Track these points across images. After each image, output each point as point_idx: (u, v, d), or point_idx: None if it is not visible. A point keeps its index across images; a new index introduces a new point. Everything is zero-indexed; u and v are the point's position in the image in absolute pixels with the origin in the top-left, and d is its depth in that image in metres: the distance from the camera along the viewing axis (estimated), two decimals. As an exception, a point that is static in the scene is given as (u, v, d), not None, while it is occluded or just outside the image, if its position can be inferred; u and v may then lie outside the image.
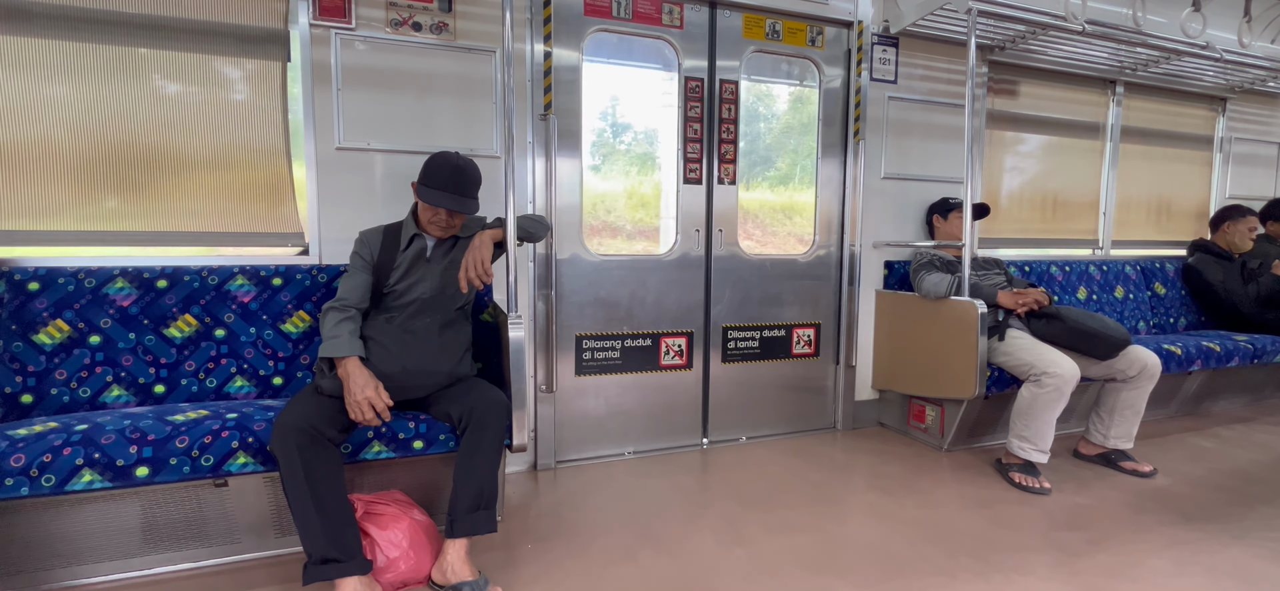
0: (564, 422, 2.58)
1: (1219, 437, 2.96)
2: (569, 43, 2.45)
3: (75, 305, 1.83)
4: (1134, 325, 3.39)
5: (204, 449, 1.55)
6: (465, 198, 1.79)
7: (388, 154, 2.20)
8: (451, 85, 2.26)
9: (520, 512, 2.12)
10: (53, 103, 1.92)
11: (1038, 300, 2.49)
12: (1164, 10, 3.21)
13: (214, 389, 1.94)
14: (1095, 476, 2.46)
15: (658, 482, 2.38)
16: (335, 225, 2.15)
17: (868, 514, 2.11)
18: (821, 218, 2.94)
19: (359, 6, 2.13)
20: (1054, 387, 2.26)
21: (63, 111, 1.93)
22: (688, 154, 2.67)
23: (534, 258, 2.43)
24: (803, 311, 2.94)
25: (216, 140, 2.07)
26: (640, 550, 1.87)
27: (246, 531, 1.79)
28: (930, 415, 2.78)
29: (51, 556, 1.63)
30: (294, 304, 2.04)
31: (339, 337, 1.67)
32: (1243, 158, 3.98)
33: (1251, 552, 1.87)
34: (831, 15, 2.82)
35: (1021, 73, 3.28)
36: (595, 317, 2.58)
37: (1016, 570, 1.76)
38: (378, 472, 1.89)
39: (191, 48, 2.02)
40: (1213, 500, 2.25)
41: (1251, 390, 3.50)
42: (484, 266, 1.73)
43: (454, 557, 1.62)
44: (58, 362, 1.80)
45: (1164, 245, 3.80)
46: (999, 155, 3.29)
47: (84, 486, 1.46)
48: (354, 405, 1.60)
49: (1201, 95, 3.80)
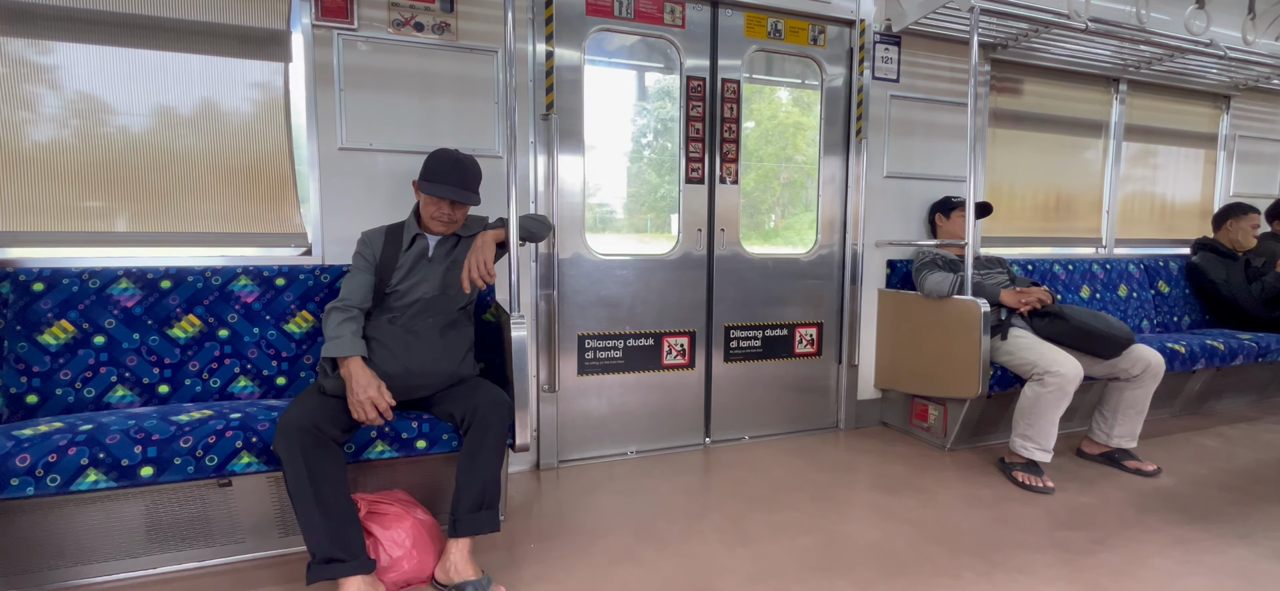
0: (566, 422, 2.58)
1: (1223, 437, 2.95)
2: (571, 42, 2.45)
3: (80, 306, 1.84)
4: (1137, 324, 3.38)
5: (208, 449, 1.55)
6: (467, 189, 1.79)
7: (390, 154, 2.20)
8: (453, 85, 2.27)
9: (523, 512, 2.13)
10: (56, 104, 1.93)
11: (1041, 299, 2.48)
12: (1167, 8, 3.20)
13: (218, 389, 1.95)
14: (1099, 475, 2.46)
15: (660, 482, 2.38)
16: (338, 225, 2.16)
17: (870, 513, 2.11)
18: (824, 217, 2.94)
19: (361, 7, 2.14)
20: (1057, 387, 2.26)
21: (66, 113, 1.93)
22: (690, 153, 2.67)
23: (536, 257, 2.44)
24: (805, 310, 2.93)
25: (219, 141, 2.08)
26: (643, 549, 1.87)
27: (250, 531, 1.79)
28: (933, 414, 2.78)
29: (57, 556, 1.64)
30: (297, 304, 2.05)
31: (341, 338, 1.67)
32: (1247, 155, 3.97)
33: (1256, 552, 1.86)
34: (833, 14, 2.81)
35: (1024, 71, 3.27)
36: (598, 317, 2.58)
37: (1020, 569, 1.76)
38: (381, 472, 1.89)
39: (194, 49, 2.02)
40: (1217, 499, 2.24)
41: (1256, 389, 3.49)
42: (487, 266, 1.74)
43: (457, 557, 1.62)
44: (62, 363, 1.81)
45: (1167, 243, 3.79)
46: (1001, 154, 3.28)
47: (89, 486, 1.47)
48: (356, 405, 1.60)
49: (1205, 93, 3.79)
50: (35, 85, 1.90)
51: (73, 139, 1.94)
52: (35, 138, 1.91)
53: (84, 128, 1.95)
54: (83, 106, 1.94)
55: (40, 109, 1.91)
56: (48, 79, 1.91)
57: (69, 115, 1.94)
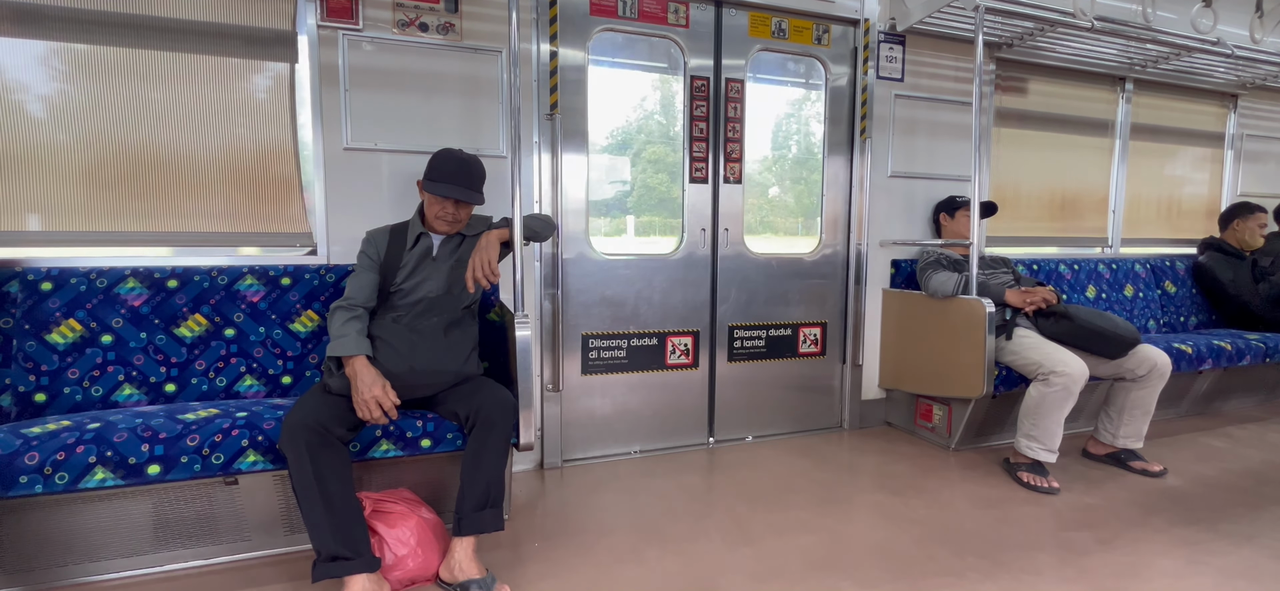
0: (570, 421, 2.58)
1: (1230, 437, 2.93)
2: (575, 42, 2.45)
3: (87, 305, 1.85)
4: (1144, 324, 3.37)
5: (214, 447, 1.56)
6: (471, 189, 1.80)
7: (395, 154, 2.21)
8: (458, 85, 2.27)
9: (527, 511, 2.13)
10: (64, 105, 1.94)
11: (1046, 298, 2.47)
12: (1174, 6, 3.18)
13: (224, 388, 1.96)
14: (1104, 476, 2.45)
15: (664, 482, 2.38)
16: (343, 225, 2.16)
17: (875, 513, 2.11)
18: (828, 216, 2.93)
19: (366, 8, 2.14)
20: (1062, 387, 2.25)
21: (73, 113, 1.94)
22: (693, 153, 2.67)
23: (540, 257, 2.44)
24: (809, 310, 2.93)
25: (225, 141, 2.09)
26: (647, 549, 1.87)
27: (256, 529, 1.80)
28: (937, 414, 2.77)
29: (65, 553, 1.65)
30: (302, 303, 2.06)
31: (346, 336, 1.68)
32: (1254, 154, 3.95)
33: (1263, 553, 1.85)
34: (838, 13, 2.81)
35: (1030, 70, 3.26)
36: (601, 317, 2.58)
37: (1025, 570, 1.75)
38: (386, 471, 1.90)
39: (200, 50, 2.03)
40: (1224, 500, 2.23)
41: (1263, 389, 3.47)
42: (491, 266, 1.74)
43: (461, 555, 1.63)
44: (70, 362, 1.82)
45: (1174, 243, 3.77)
46: (1006, 153, 3.27)
47: (96, 484, 1.48)
48: (361, 404, 1.61)
49: (1212, 92, 3.76)
50: (43, 86, 1.92)
51: (80, 139, 1.95)
52: (43, 138, 1.93)
53: (91, 128, 1.96)
54: (90, 107, 1.95)
55: (48, 109, 1.93)
56: (55, 80, 1.93)
57: (76, 115, 1.95)
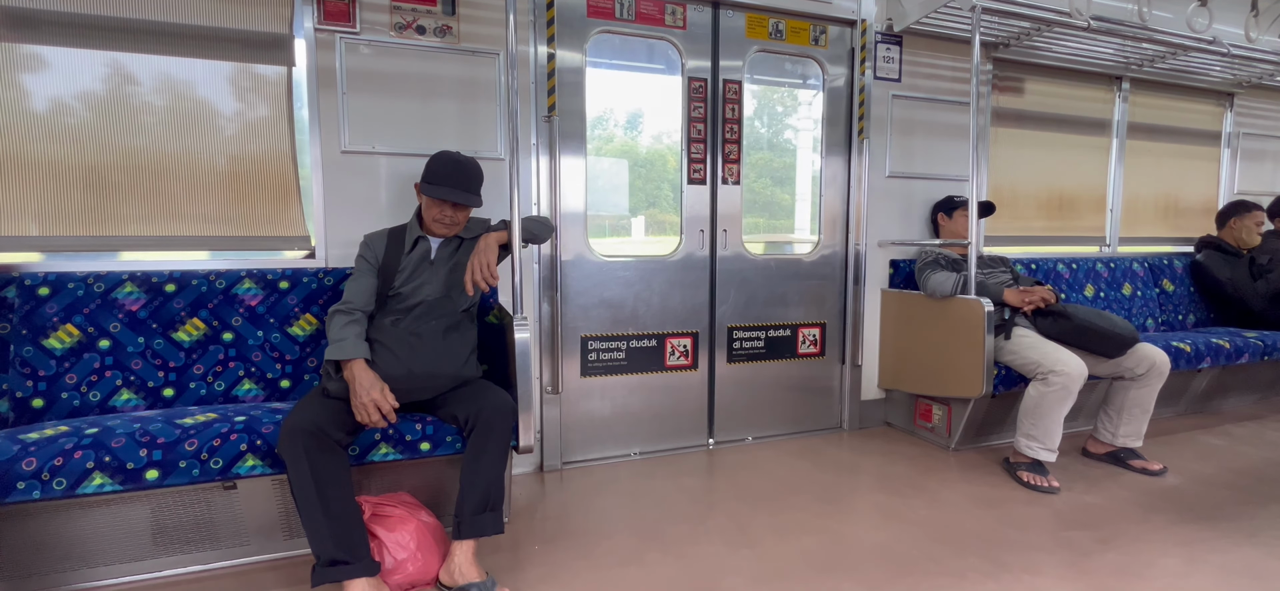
0: (570, 424, 2.58)
1: (1229, 435, 2.93)
2: (572, 44, 2.45)
3: (85, 310, 1.85)
4: (1142, 322, 3.37)
5: (213, 451, 1.56)
6: (469, 191, 1.80)
7: (393, 157, 2.21)
8: (455, 88, 2.27)
9: (527, 514, 2.13)
10: (60, 109, 1.94)
11: (1044, 298, 2.47)
12: (1170, 5, 3.19)
13: (222, 392, 1.95)
14: (1104, 475, 2.45)
15: (664, 484, 2.38)
16: (341, 228, 2.16)
17: (875, 514, 2.11)
18: (826, 217, 2.93)
19: (363, 10, 2.14)
20: (1061, 386, 2.25)
21: (70, 117, 1.94)
22: (692, 154, 2.67)
23: (539, 259, 2.44)
24: (808, 311, 2.93)
25: (223, 145, 2.08)
26: (647, 551, 1.87)
27: (255, 533, 1.80)
28: (937, 414, 2.77)
29: (63, 559, 1.64)
30: (301, 307, 2.05)
31: (345, 340, 1.68)
32: (1251, 153, 3.96)
33: (1263, 551, 1.85)
34: (835, 14, 2.81)
35: (1026, 70, 3.26)
36: (600, 319, 2.58)
37: (1026, 569, 1.75)
38: (385, 474, 1.90)
39: (198, 53, 2.03)
40: (1223, 498, 2.23)
41: (1262, 387, 3.47)
42: (489, 268, 1.74)
43: (461, 559, 1.62)
44: (68, 367, 1.81)
45: (1172, 242, 3.78)
46: (1004, 153, 3.28)
47: (95, 489, 1.47)
48: (360, 407, 1.61)
49: (1208, 90, 3.77)
50: (40, 90, 1.91)
51: (77, 144, 1.95)
52: (41, 142, 1.92)
53: (88, 132, 1.96)
54: (87, 111, 1.95)
55: (45, 114, 1.92)
56: (53, 84, 1.92)
57: (74, 120, 1.94)
